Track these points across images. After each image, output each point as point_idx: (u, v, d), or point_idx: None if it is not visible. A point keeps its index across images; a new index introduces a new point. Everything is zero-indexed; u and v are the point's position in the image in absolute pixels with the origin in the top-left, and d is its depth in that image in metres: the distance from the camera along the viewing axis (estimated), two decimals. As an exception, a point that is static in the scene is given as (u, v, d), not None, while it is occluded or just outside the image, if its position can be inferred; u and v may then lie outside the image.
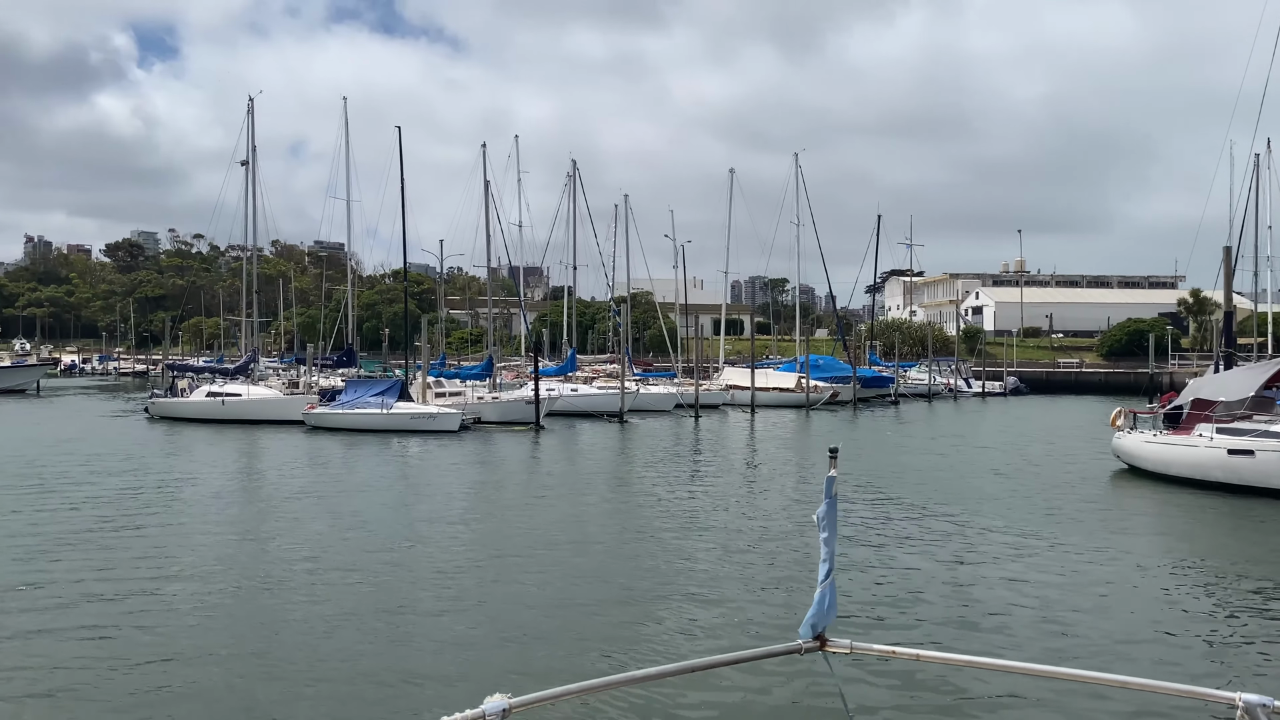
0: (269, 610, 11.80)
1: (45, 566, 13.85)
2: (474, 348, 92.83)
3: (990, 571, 14.09)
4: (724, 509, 19.39)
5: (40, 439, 33.18)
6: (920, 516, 18.41)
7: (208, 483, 23.08)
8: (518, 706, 2.47)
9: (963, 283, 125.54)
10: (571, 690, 2.79)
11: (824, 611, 3.01)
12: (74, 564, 14.00)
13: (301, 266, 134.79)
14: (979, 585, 13.10)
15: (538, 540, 16.32)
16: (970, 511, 18.98)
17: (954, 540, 16.18)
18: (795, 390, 52.87)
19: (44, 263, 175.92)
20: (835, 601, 3.05)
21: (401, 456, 29.91)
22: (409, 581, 13.23)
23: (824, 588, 3.01)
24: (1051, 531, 16.99)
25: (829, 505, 3.06)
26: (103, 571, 13.55)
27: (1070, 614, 11.72)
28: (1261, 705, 2.46)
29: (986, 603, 12.24)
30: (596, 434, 37.28)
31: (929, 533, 16.83)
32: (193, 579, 13.15)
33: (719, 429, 41.20)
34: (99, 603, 11.93)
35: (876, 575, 13.58)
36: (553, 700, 2.67)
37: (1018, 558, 14.84)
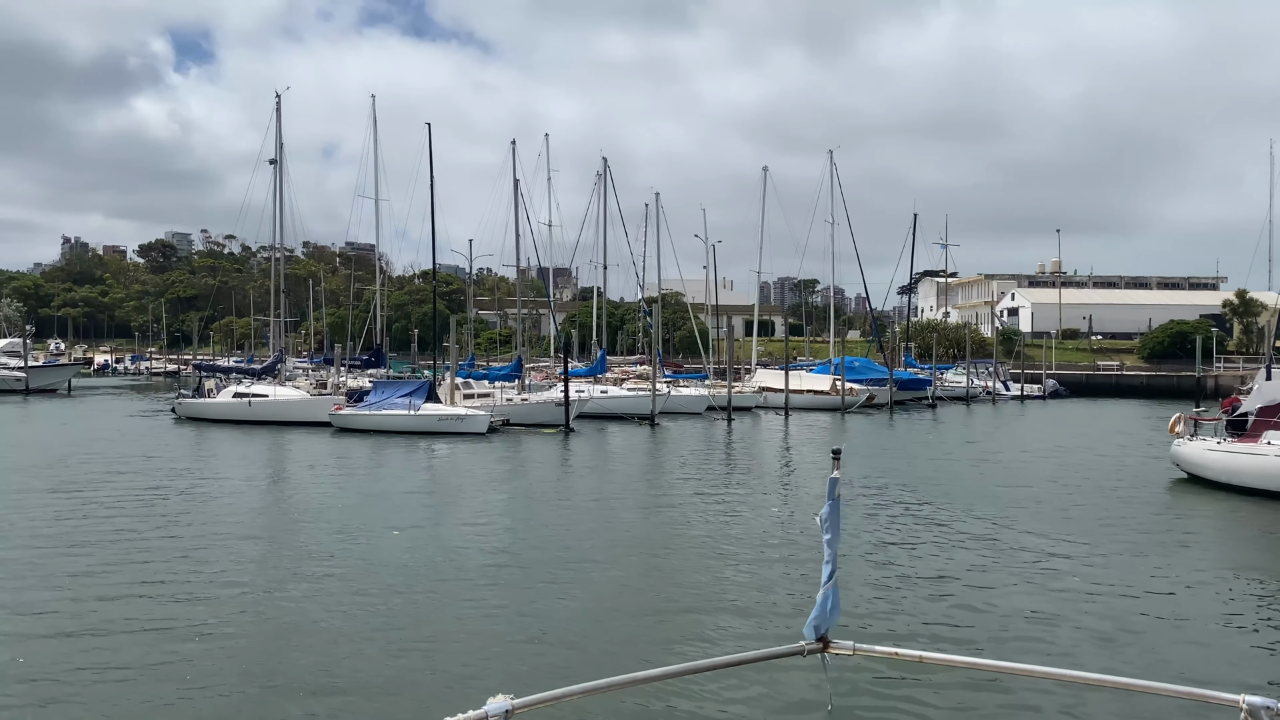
0: (283, 614, 11.38)
1: (59, 571, 13.20)
2: (503, 348, 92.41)
3: (1055, 583, 13.12)
4: (759, 515, 18.44)
5: (65, 439, 32.83)
6: (974, 526, 17.38)
7: (229, 485, 22.45)
8: (521, 708, 2.47)
9: (998, 284, 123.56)
10: (574, 691, 2.78)
11: (827, 613, 3.00)
12: (86, 571, 13.35)
13: (332, 267, 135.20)
14: (1046, 599, 12.09)
15: (566, 547, 15.55)
16: (1026, 521, 17.92)
17: (1012, 552, 15.15)
18: (830, 393, 51.72)
19: (79, 263, 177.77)
20: (838, 603, 3.03)
21: (428, 459, 29.21)
22: (430, 587, 12.44)
23: (827, 589, 3.00)
24: (1115, 544, 15.92)
25: (832, 507, 3.06)
26: (115, 578, 12.88)
27: (1145, 632, 10.85)
28: (1265, 707, 2.43)
29: (1055, 618, 11.28)
30: (627, 437, 36.43)
31: (985, 543, 15.80)
32: (209, 581, 12.45)
33: (752, 432, 40.20)
34: (113, 608, 11.37)
35: (932, 589, 12.61)
36: (555, 701, 2.66)
37: (1084, 572, 13.79)
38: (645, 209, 63.88)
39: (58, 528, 16.69)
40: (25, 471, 24.03)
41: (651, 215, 62.94)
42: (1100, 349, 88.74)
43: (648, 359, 70.53)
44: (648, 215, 63.12)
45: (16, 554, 14.59)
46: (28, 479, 22.65)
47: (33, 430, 37.82)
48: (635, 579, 13.59)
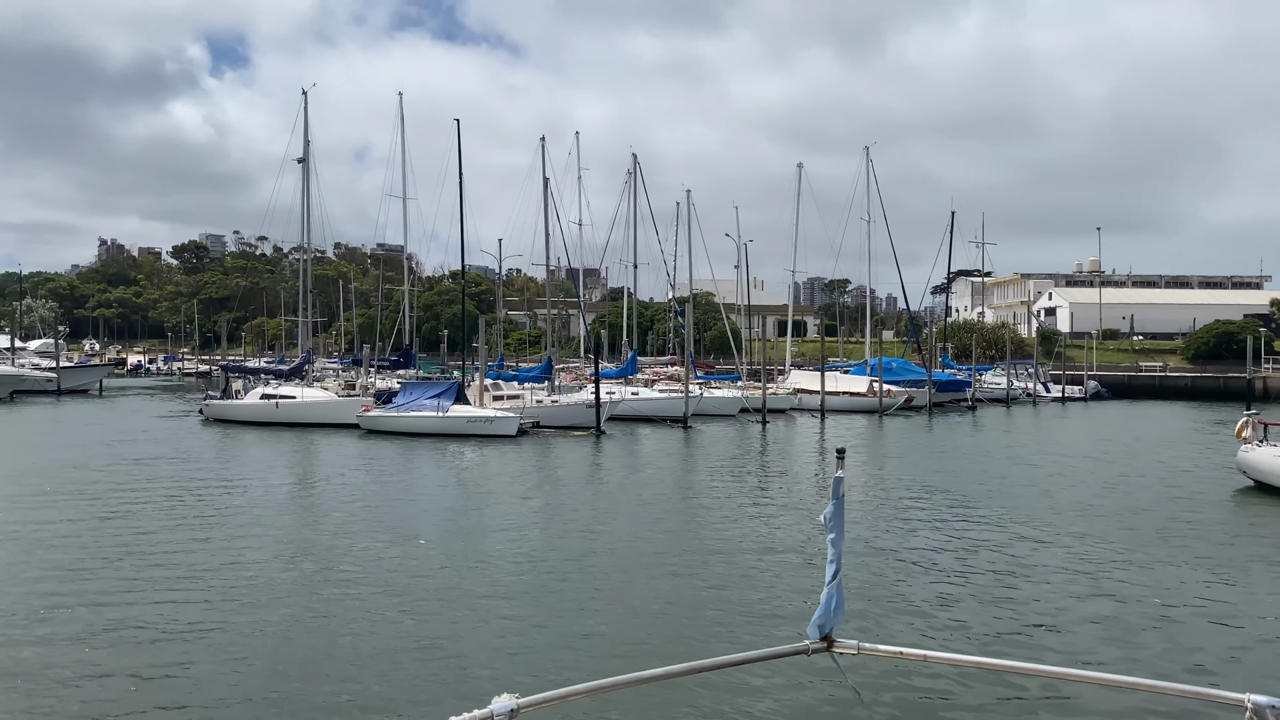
0: (304, 623, 11.09)
1: (73, 581, 12.52)
2: (532, 349, 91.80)
3: (1124, 594, 12.04)
4: (797, 524, 17.46)
5: (92, 440, 32.45)
6: (1031, 535, 16.29)
7: (252, 490, 21.79)
8: (526, 707, 2.46)
9: (1034, 283, 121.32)
10: (579, 690, 2.77)
11: (831, 612, 3.00)
12: (100, 582, 12.66)
13: (363, 268, 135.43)
14: (1116, 612, 11.04)
15: (598, 555, 14.75)
16: (1086, 531, 16.81)
17: (1075, 564, 14.07)
18: (867, 394, 50.50)
19: (114, 265, 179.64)
20: (843, 602, 3.03)
21: (457, 463, 28.46)
22: (457, 598, 11.61)
23: (831, 588, 3.01)
24: (1183, 555, 14.81)
25: (836, 506, 3.04)
26: (130, 589, 12.17)
27: (1233, 655, 9.80)
28: (1270, 706, 2.42)
29: (1129, 632, 10.26)
30: (659, 440, 35.51)
31: (1044, 554, 14.73)
32: (228, 589, 11.71)
33: (788, 435, 39.14)
34: (128, 615, 10.93)
35: (993, 602, 11.59)
36: (561, 700, 2.65)
37: (1154, 585, 12.70)
38: (676, 207, 62.95)
39: (74, 535, 16.06)
40: (45, 475, 23.54)
41: (682, 214, 61.98)
42: (1142, 349, 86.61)
43: (678, 360, 69.58)
44: (679, 214, 62.18)
45: (24, 563, 13.94)
46: (46, 482, 22.13)
47: (59, 431, 37.55)
48: (670, 590, 12.73)
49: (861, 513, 19.19)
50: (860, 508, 19.89)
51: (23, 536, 16.05)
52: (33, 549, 15.06)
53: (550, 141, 47.49)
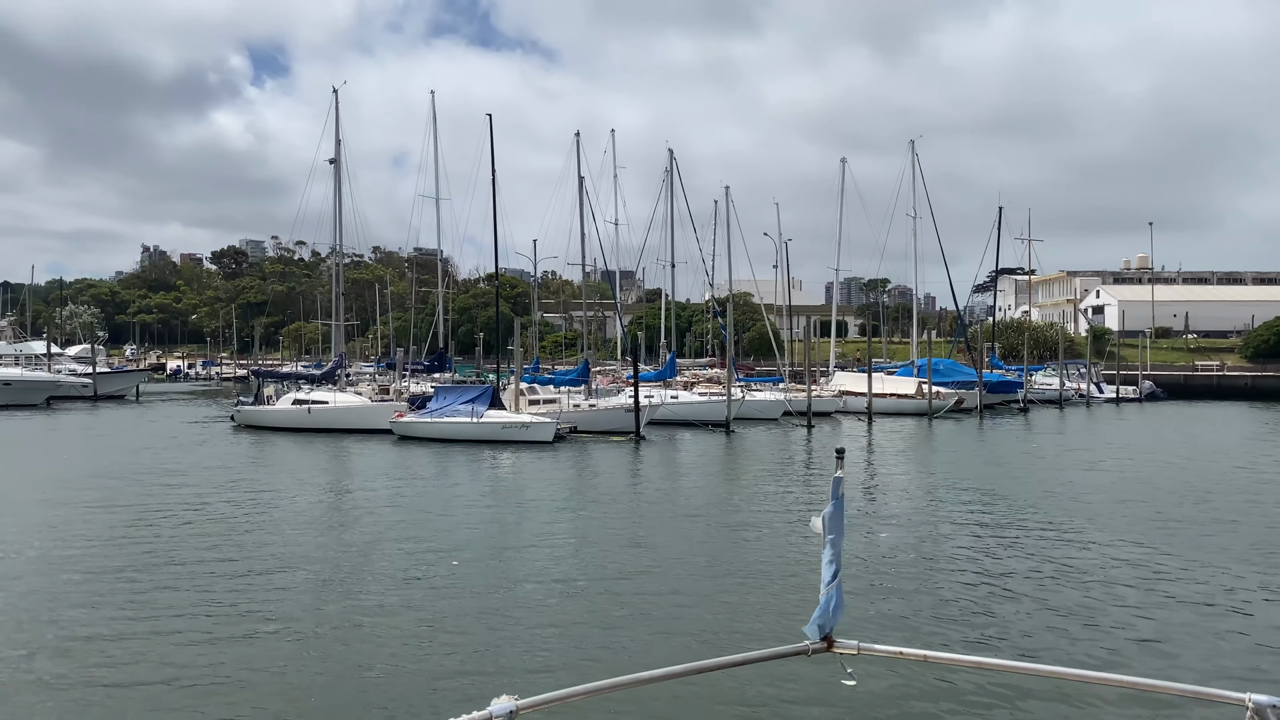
0: (328, 643, 10.54)
1: (88, 596, 11.48)
2: (567, 352, 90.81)
3: (1235, 622, 10.50)
4: (852, 539, 16.03)
5: (120, 447, 31.75)
6: (1114, 550, 14.75)
7: (280, 501, 20.76)
8: (525, 708, 2.46)
9: (1081, 280, 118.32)
10: (579, 692, 2.75)
11: (830, 612, 2.98)
12: (111, 598, 11.61)
13: (399, 272, 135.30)
14: (1226, 642, 9.53)
15: (641, 573, 13.45)
16: (1171, 544, 15.22)
17: (1170, 580, 12.53)
18: (915, 396, 48.74)
19: (155, 271, 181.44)
20: (842, 602, 3.00)
21: (492, 471, 27.30)
22: (490, 622, 10.38)
23: (830, 589, 2.98)
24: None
25: (835, 507, 3.01)
26: (142, 606, 11.12)
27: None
28: (1271, 706, 2.42)
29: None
30: (701, 445, 34.14)
31: (1130, 570, 13.20)
32: (250, 606, 10.60)
33: (834, 439, 37.58)
34: (140, 630, 10.64)
35: (1081, 623, 10.13)
36: (560, 701, 2.63)
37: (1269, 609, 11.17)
38: (714, 206, 61.56)
39: (87, 547, 15.06)
40: (67, 484, 22.71)
41: (721, 211, 60.57)
42: (1197, 348, 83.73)
43: (717, 361, 68.12)
44: (716, 212, 60.79)
45: (37, 582, 12.92)
46: (68, 493, 21.27)
47: (90, 437, 36.95)
48: (724, 620, 11.36)
49: (922, 521, 17.72)
50: (920, 517, 18.41)
51: (36, 552, 15.07)
52: (46, 565, 14.07)
53: (585, 143, 46.22)
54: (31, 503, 20.31)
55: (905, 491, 22.82)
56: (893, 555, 15.21)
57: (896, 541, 16.31)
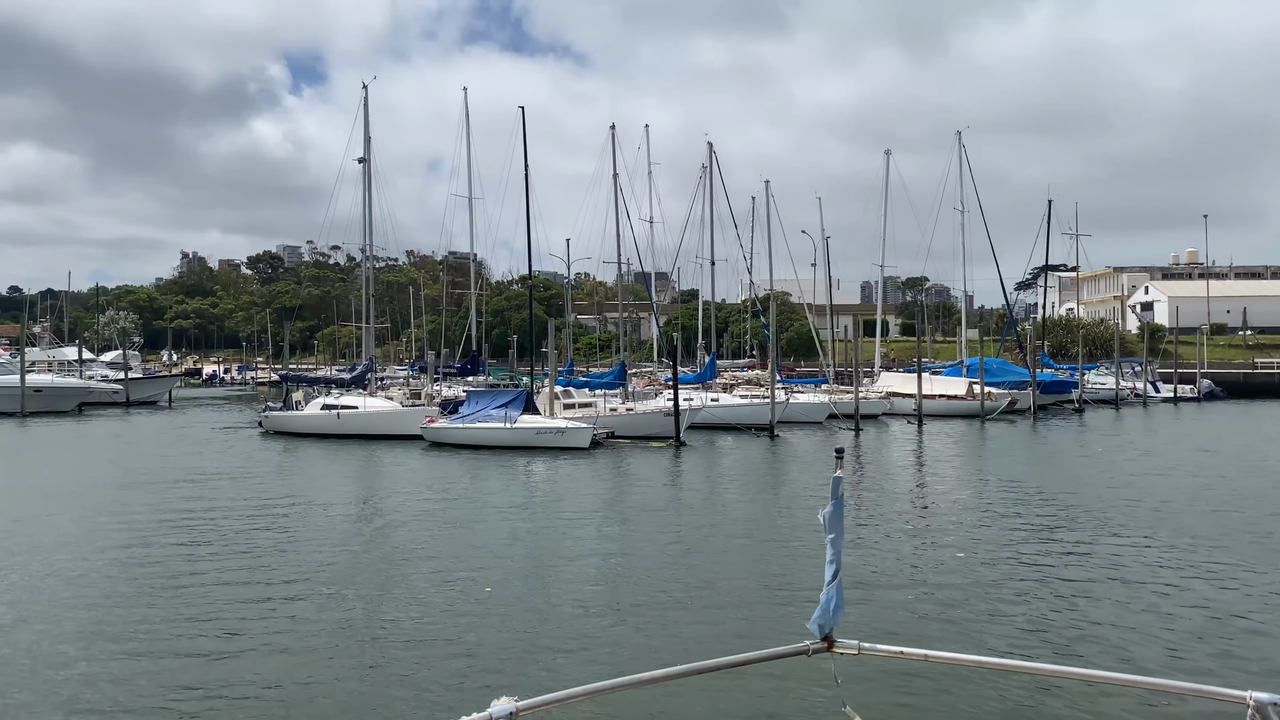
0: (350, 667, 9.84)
1: (92, 612, 10.22)
2: (601, 354, 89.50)
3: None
4: (916, 552, 14.40)
5: (145, 454, 30.79)
6: (1216, 570, 13.00)
7: (303, 511, 19.47)
8: (525, 709, 2.45)
9: (1128, 276, 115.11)
10: (579, 693, 2.73)
11: (831, 613, 2.96)
12: (121, 615, 10.37)
13: (434, 275, 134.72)
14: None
15: (687, 596, 11.99)
16: (1269, 561, 13.45)
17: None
18: (966, 397, 46.74)
19: (192, 276, 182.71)
20: (842, 602, 2.99)
21: (526, 480, 25.93)
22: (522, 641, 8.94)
23: (831, 589, 2.97)
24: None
25: (835, 506, 3.03)
26: (154, 624, 9.86)
27: None
28: (1272, 704, 2.41)
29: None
30: (744, 451, 32.54)
31: (1232, 591, 11.48)
32: (269, 630, 9.27)
33: (883, 444, 35.84)
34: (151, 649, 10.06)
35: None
36: (560, 703, 2.61)
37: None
38: (752, 202, 59.85)
39: (96, 563, 13.83)
40: (87, 495, 21.61)
41: (759, 208, 58.85)
42: (1256, 345, 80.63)
43: (757, 362, 66.36)
44: (754, 209, 59.11)
45: (58, 598, 11.67)
46: (86, 504, 20.15)
47: (116, 444, 36.07)
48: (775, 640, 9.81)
49: (984, 544, 16.03)
50: (983, 536, 16.71)
51: (19, 576, 13.85)
52: (47, 583, 12.83)
53: (617, 144, 44.66)
54: (31, 517, 19.19)
55: (965, 501, 21.09)
56: (965, 568, 13.56)
57: (963, 553, 14.64)
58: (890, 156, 54.64)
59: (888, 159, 54.53)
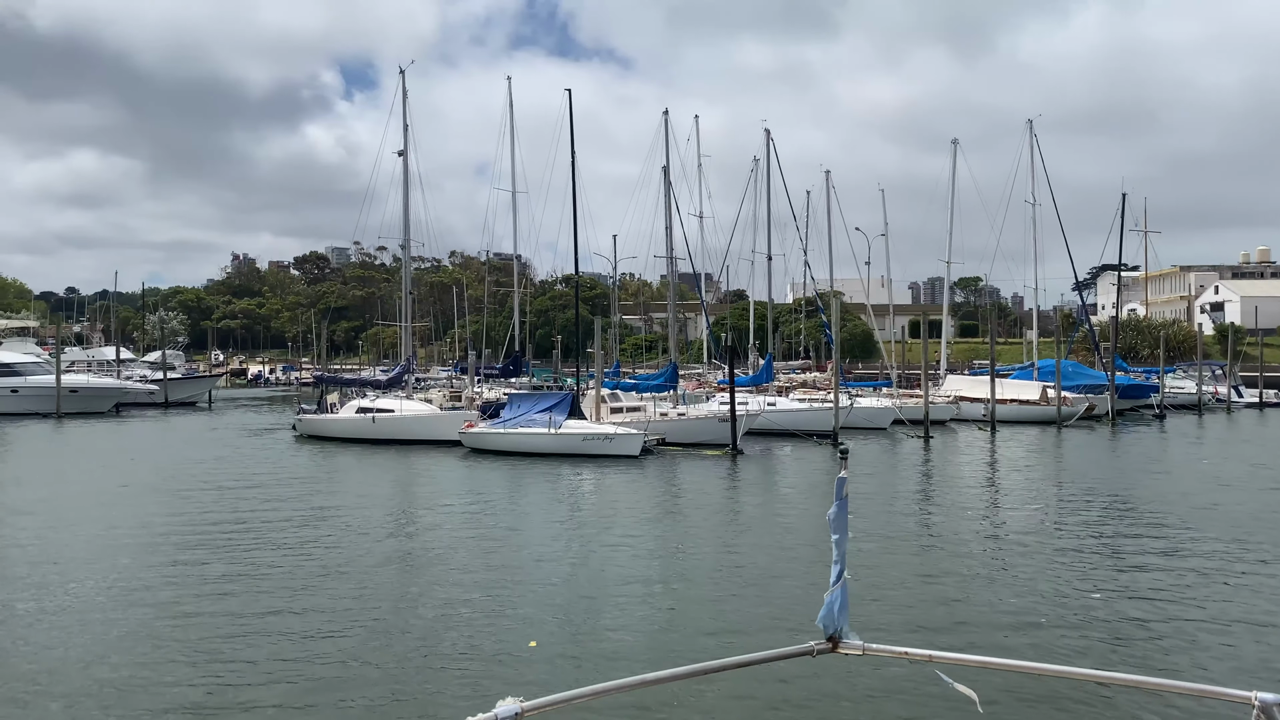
0: None
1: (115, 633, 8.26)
2: (647, 355, 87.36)
3: None
4: (1018, 583, 11.91)
5: (169, 459, 29.13)
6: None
7: (328, 526, 17.44)
8: (530, 710, 2.46)
9: (1195, 276, 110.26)
10: (584, 694, 2.75)
11: (835, 613, 2.96)
12: (132, 644, 8.77)
13: (478, 275, 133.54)
14: None
15: (761, 629, 9.59)
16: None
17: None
18: (1040, 402, 43.75)
19: (240, 277, 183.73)
20: (846, 603, 2.98)
21: (572, 492, 23.76)
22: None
23: (836, 589, 2.97)
24: None
25: (839, 507, 3.02)
26: (165, 649, 7.98)
27: None
28: (1278, 704, 2.40)
29: None
30: (806, 460, 30.07)
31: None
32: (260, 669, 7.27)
33: (956, 452, 33.16)
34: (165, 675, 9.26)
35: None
36: (566, 703, 2.63)
37: None
38: (807, 196, 57.20)
39: (105, 582, 11.88)
40: (104, 506, 19.81)
41: (817, 199, 56.20)
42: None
43: (812, 364, 63.66)
44: (809, 203, 56.46)
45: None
46: (97, 515, 18.32)
47: (145, 447, 34.56)
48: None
49: (1109, 564, 13.46)
50: (1089, 554, 14.14)
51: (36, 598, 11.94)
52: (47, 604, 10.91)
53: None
54: (36, 527, 17.38)
55: (1056, 518, 18.44)
56: (1094, 604, 11.06)
57: (1099, 593, 12.12)
58: (957, 146, 51.64)
59: (954, 149, 51.55)
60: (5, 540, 16.74)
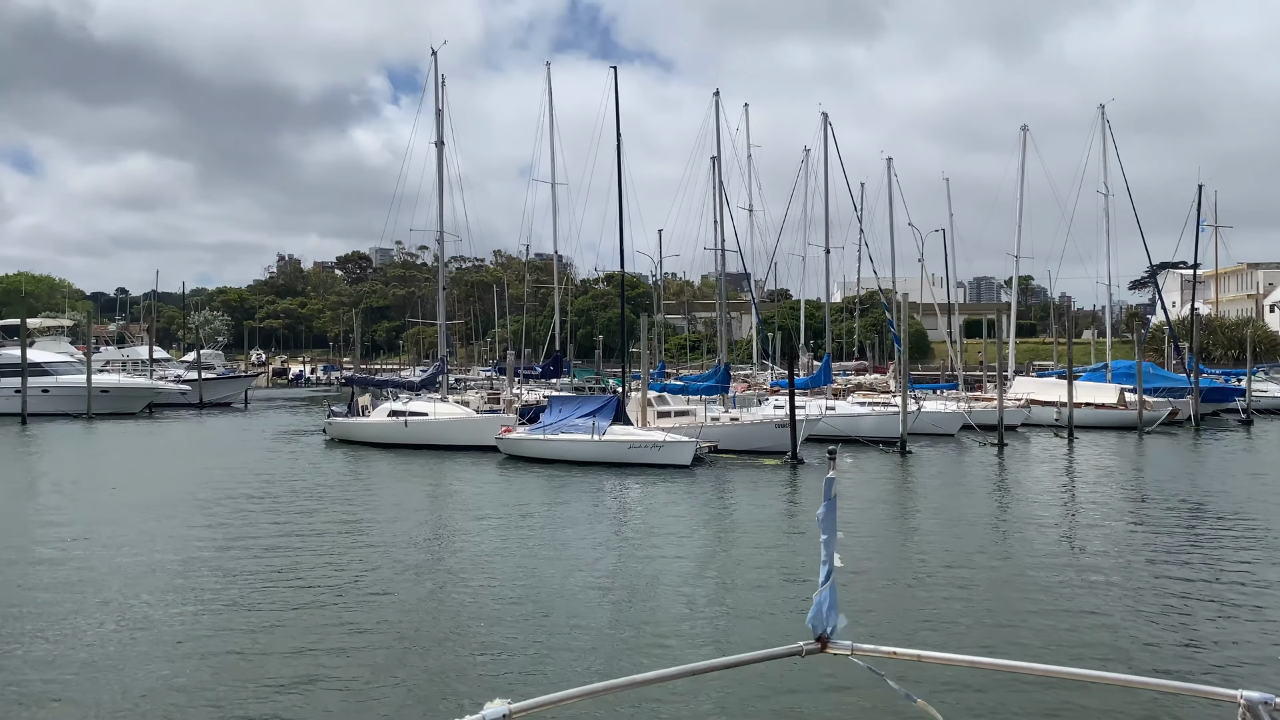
0: None
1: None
2: (691, 355, 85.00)
3: None
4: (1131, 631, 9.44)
5: (189, 463, 27.39)
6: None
7: (350, 542, 15.37)
8: (518, 712, 2.46)
9: (1264, 274, 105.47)
10: (573, 695, 2.72)
11: (824, 614, 2.91)
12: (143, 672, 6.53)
13: (519, 275, 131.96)
14: None
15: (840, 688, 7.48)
16: None
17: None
18: (1118, 406, 40.72)
19: (284, 277, 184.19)
20: (835, 603, 2.92)
21: (619, 507, 21.55)
22: None
23: (824, 590, 2.92)
24: None
25: (828, 507, 2.94)
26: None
27: None
28: (1264, 702, 2.42)
29: None
30: (872, 470, 27.51)
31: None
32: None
33: (1033, 462, 30.44)
34: None
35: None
36: (554, 705, 2.60)
37: None
38: (862, 188, 54.48)
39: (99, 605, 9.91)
40: (112, 522, 17.95)
41: (872, 193, 53.45)
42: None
43: (867, 365, 60.91)
44: (863, 195, 53.74)
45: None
46: (105, 531, 16.42)
47: (172, 449, 32.95)
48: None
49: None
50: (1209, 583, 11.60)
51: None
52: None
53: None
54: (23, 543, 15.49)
55: (1174, 539, 15.79)
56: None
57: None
58: (1027, 133, 48.59)
59: (1024, 135, 48.51)
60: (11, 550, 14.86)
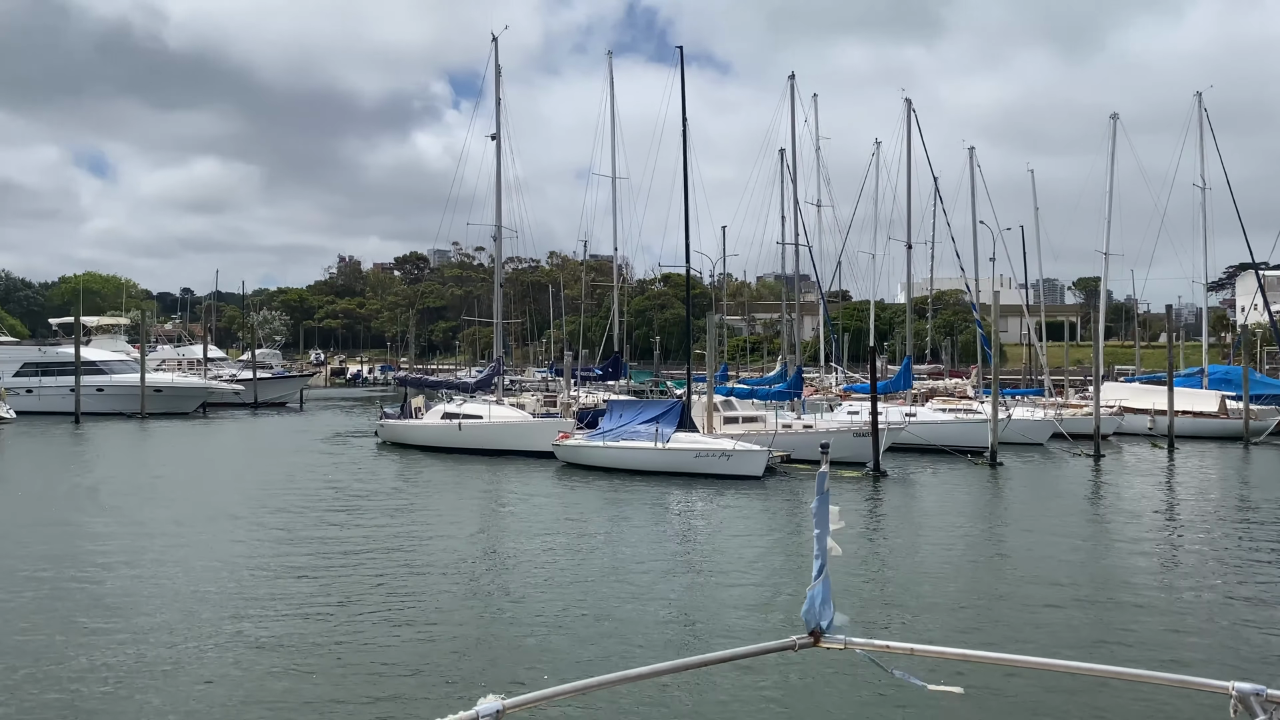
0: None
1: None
2: (751, 357, 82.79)
3: None
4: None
5: (236, 466, 26.19)
6: None
7: (393, 557, 13.73)
8: (512, 707, 2.46)
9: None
10: (565, 690, 2.72)
11: (817, 607, 2.90)
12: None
13: (575, 275, 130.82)
14: None
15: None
16: None
17: None
18: (1219, 415, 37.77)
19: (343, 277, 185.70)
20: (829, 597, 2.90)
21: (685, 524, 19.72)
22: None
23: (818, 584, 2.91)
24: None
25: (820, 501, 2.95)
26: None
27: None
28: (1255, 693, 2.44)
29: None
30: (960, 484, 25.27)
31: None
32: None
33: (1133, 473, 27.96)
34: None
35: None
36: (547, 700, 2.62)
37: None
38: (935, 183, 51.72)
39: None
40: (138, 538, 16.60)
41: (948, 187, 50.70)
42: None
43: (942, 370, 58.21)
44: (936, 191, 50.97)
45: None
46: (123, 545, 15.05)
47: (221, 450, 31.88)
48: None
49: None
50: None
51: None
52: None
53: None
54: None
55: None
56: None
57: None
58: (1117, 121, 45.57)
59: (1114, 124, 45.52)
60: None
